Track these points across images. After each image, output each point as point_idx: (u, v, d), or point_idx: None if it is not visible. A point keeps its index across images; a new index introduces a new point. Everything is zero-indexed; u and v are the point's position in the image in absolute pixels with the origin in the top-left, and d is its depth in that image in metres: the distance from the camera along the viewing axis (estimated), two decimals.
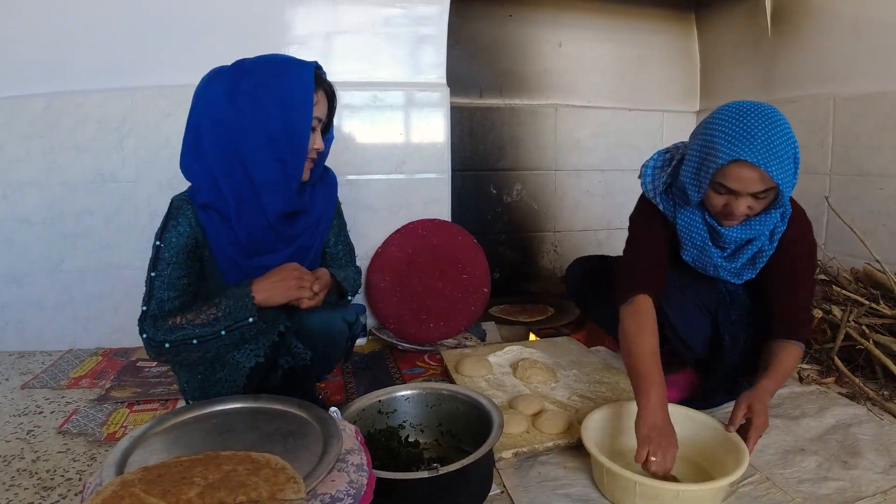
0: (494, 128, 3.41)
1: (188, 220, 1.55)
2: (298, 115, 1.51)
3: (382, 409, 1.68)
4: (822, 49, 2.85)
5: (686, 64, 3.73)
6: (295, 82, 1.52)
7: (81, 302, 2.56)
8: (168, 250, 1.54)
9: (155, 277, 1.54)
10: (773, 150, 1.50)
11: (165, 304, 1.53)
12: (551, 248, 3.62)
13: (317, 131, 1.60)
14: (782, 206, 1.62)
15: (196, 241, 1.57)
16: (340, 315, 1.75)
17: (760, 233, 1.68)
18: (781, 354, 1.71)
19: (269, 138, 1.50)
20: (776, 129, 1.52)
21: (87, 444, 1.78)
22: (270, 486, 0.94)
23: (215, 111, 1.52)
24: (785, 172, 1.51)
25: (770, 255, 1.74)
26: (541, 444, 1.69)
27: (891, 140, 2.50)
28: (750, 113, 1.55)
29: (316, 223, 1.72)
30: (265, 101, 1.49)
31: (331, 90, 1.63)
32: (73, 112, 2.45)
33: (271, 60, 1.55)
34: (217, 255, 1.58)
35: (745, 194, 1.57)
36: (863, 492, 1.50)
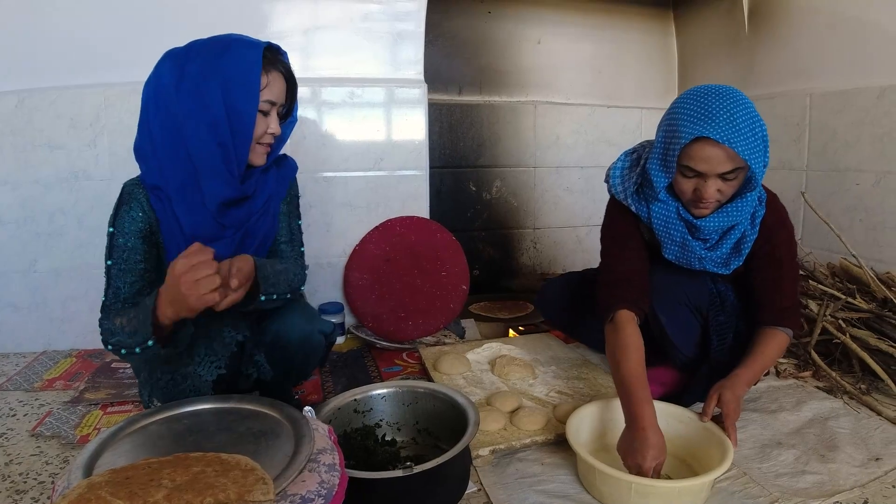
0: (474, 125, 3.41)
1: (140, 204, 1.52)
2: (242, 97, 1.47)
3: (358, 407, 1.66)
4: (798, 45, 2.87)
5: (664, 61, 3.75)
6: (239, 63, 1.47)
7: (55, 303, 2.52)
8: (122, 236, 1.51)
9: (111, 265, 1.51)
10: (737, 127, 1.49)
11: (122, 290, 1.50)
12: (531, 244, 3.63)
13: (271, 115, 1.56)
14: (756, 187, 1.60)
15: (150, 225, 1.54)
16: (317, 328, 1.70)
17: (738, 220, 1.66)
18: (764, 342, 1.72)
19: (211, 122, 1.46)
20: (739, 108, 1.51)
21: (60, 446, 1.75)
22: (239, 488, 0.92)
23: (162, 93, 1.48)
24: (752, 149, 1.50)
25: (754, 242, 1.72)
26: (518, 440, 1.69)
27: (867, 135, 2.53)
28: (711, 93, 1.54)
29: (263, 209, 1.66)
30: (208, 83, 1.46)
31: (287, 72, 1.59)
32: (45, 109, 2.42)
33: (218, 41, 1.51)
34: (166, 240, 1.55)
35: (712, 176, 1.56)
36: (841, 485, 1.51)
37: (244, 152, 1.52)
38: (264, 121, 1.54)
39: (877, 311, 2.18)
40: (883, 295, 2.20)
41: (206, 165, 1.50)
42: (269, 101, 1.53)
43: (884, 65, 2.46)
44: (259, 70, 1.48)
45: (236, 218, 1.59)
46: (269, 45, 1.54)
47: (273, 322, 1.66)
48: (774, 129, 2.95)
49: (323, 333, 1.72)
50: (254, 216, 1.64)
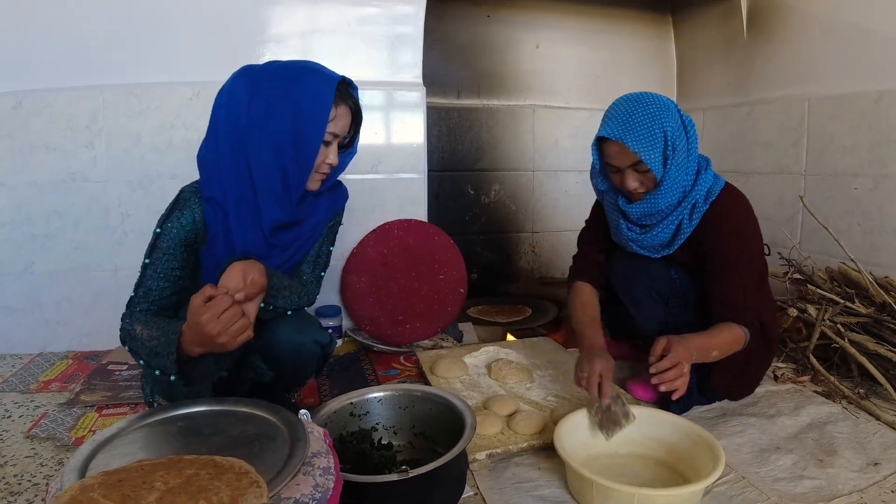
0: (472, 128, 3.41)
1: (193, 212, 1.54)
2: (309, 127, 1.50)
3: (355, 411, 1.66)
4: (796, 50, 2.87)
5: (663, 65, 3.75)
6: (312, 93, 1.50)
7: (51, 304, 2.52)
8: (167, 240, 1.52)
9: (149, 265, 1.52)
10: (631, 125, 1.68)
11: (153, 293, 1.52)
12: (529, 248, 3.62)
13: (332, 146, 1.57)
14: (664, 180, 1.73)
15: (196, 235, 1.56)
16: (312, 337, 1.67)
17: (657, 207, 1.78)
18: (717, 328, 1.77)
19: (275, 145, 1.49)
20: (638, 108, 1.70)
21: (55, 448, 1.74)
22: (232, 491, 0.91)
23: (233, 110, 1.51)
24: (644, 145, 1.68)
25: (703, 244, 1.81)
26: (515, 444, 1.68)
27: (864, 140, 2.52)
28: (621, 99, 1.76)
29: (309, 233, 1.69)
30: (278, 107, 1.48)
31: (356, 107, 1.62)
32: (42, 111, 2.41)
33: (297, 67, 1.54)
34: (206, 251, 1.57)
35: (625, 168, 1.75)
36: (839, 490, 1.50)
37: (303, 179, 1.56)
38: (325, 151, 1.56)
39: (875, 315, 2.17)
40: (881, 299, 2.19)
41: (264, 186, 1.53)
42: (333, 133, 1.55)
43: (881, 69, 2.46)
44: (330, 103, 1.51)
45: (284, 240, 1.63)
46: (343, 79, 1.57)
47: (266, 330, 1.63)
48: (772, 134, 2.96)
49: (319, 344, 1.69)
50: (300, 240, 1.67)
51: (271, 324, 1.64)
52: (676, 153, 1.71)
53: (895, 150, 2.40)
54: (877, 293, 2.21)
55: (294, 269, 1.73)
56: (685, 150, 1.75)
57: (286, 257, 1.65)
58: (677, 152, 1.71)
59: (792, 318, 2.28)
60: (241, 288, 1.35)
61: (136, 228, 2.49)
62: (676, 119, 1.73)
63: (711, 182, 1.82)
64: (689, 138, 1.77)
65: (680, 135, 1.73)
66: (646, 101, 1.71)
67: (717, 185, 1.83)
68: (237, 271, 1.37)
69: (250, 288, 1.37)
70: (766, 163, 3.03)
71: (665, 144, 1.70)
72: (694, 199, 1.79)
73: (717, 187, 1.82)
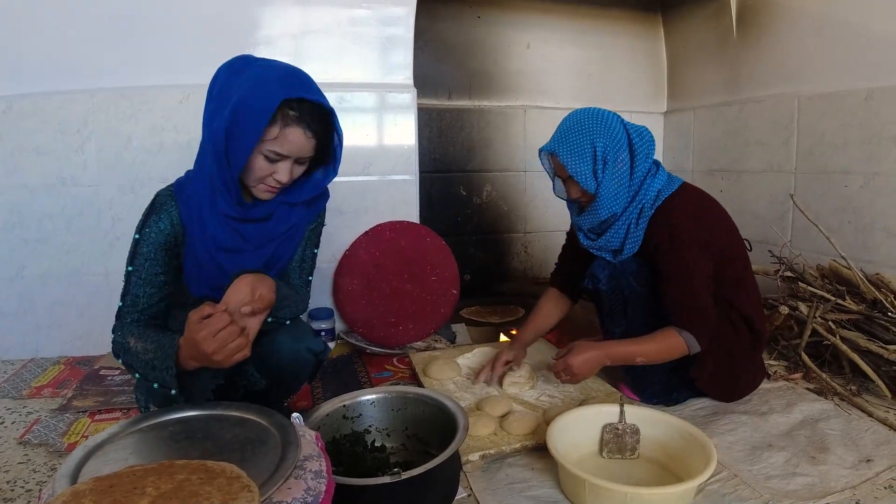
0: (464, 129, 3.41)
1: (170, 215, 1.53)
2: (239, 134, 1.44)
3: (347, 413, 1.65)
4: (786, 49, 2.88)
5: (653, 65, 3.76)
6: (254, 102, 1.43)
7: (43, 309, 2.51)
8: (147, 245, 1.52)
9: (132, 272, 1.52)
10: (565, 139, 1.83)
11: (141, 300, 1.51)
12: (522, 248, 3.63)
13: (280, 164, 1.50)
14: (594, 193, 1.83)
15: (175, 238, 1.55)
16: (306, 345, 1.67)
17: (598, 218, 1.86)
18: (653, 334, 1.81)
19: (215, 141, 1.46)
20: (576, 125, 1.83)
21: (47, 454, 1.74)
22: (224, 496, 0.91)
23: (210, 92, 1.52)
24: (574, 159, 1.81)
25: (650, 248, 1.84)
26: (508, 445, 1.68)
27: (854, 138, 2.53)
28: (572, 113, 1.88)
29: (285, 235, 1.66)
30: (226, 103, 1.45)
31: (319, 133, 1.52)
32: (33, 114, 2.41)
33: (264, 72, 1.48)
34: (187, 252, 1.56)
35: (563, 178, 1.91)
36: (832, 487, 1.51)
37: (232, 181, 1.50)
38: (269, 166, 1.50)
39: (866, 312, 2.18)
40: (872, 296, 2.20)
41: (213, 176, 1.51)
42: (275, 153, 1.48)
43: (871, 67, 2.46)
44: (264, 119, 1.42)
45: (255, 235, 1.60)
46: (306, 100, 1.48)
47: (262, 340, 1.62)
48: (763, 132, 2.97)
49: (312, 352, 1.69)
50: (277, 239, 1.65)
51: (267, 333, 1.64)
52: (608, 167, 1.80)
53: (885, 147, 2.41)
54: (868, 290, 2.22)
55: (279, 275, 1.71)
56: (624, 162, 1.83)
57: (264, 256, 1.62)
58: (608, 166, 1.80)
59: (783, 315, 2.29)
60: (248, 302, 1.35)
61: (128, 232, 2.41)
62: (613, 135, 1.81)
63: (661, 185, 1.85)
64: (633, 151, 1.83)
65: (617, 149, 1.81)
66: (584, 118, 1.83)
67: (668, 188, 1.86)
68: (245, 284, 1.37)
69: (258, 303, 1.36)
70: (757, 161, 3.04)
71: (594, 159, 1.80)
72: (641, 204, 1.84)
73: (667, 191, 1.85)
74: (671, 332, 1.78)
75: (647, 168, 1.86)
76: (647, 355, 1.79)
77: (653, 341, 1.79)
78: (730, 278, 1.89)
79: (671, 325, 1.79)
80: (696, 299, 1.77)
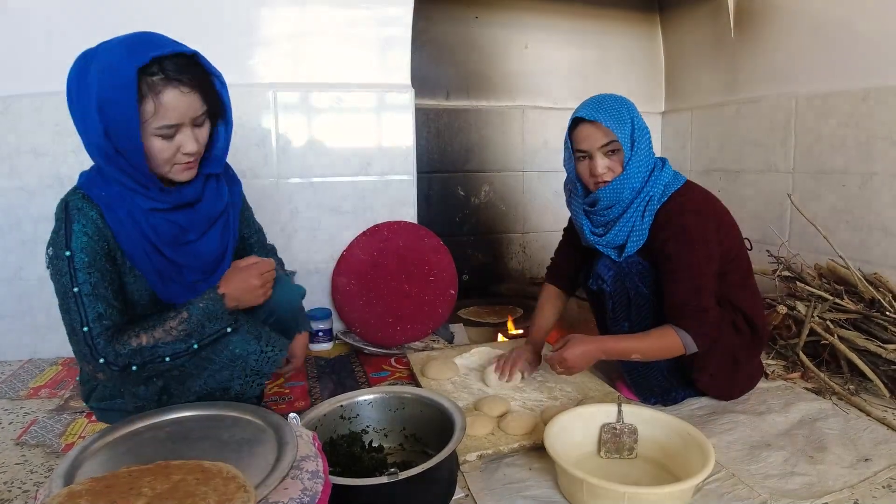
0: (462, 129, 3.41)
1: (92, 220, 1.39)
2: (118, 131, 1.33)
3: (345, 414, 1.65)
4: (784, 49, 2.88)
5: (651, 65, 3.77)
6: (111, 89, 1.30)
7: (41, 310, 2.50)
8: (82, 256, 1.37)
9: (79, 293, 1.37)
10: (604, 107, 1.80)
11: (104, 318, 1.38)
12: (520, 249, 3.63)
13: (178, 135, 1.39)
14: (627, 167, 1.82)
15: (108, 242, 1.41)
16: (298, 292, 1.81)
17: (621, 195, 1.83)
18: (651, 331, 1.81)
19: (102, 150, 1.36)
20: (608, 98, 1.84)
21: (44, 455, 1.74)
22: (220, 496, 0.91)
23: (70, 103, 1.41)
24: (616, 123, 1.78)
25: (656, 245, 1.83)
26: (506, 445, 1.68)
27: (852, 137, 2.53)
28: (592, 98, 1.87)
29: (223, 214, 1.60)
30: (90, 109, 1.33)
31: (197, 80, 1.39)
32: (30, 115, 2.40)
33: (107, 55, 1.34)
34: (129, 250, 1.44)
35: (595, 151, 1.83)
36: (830, 486, 1.51)
37: (146, 177, 1.41)
38: (169, 144, 1.39)
39: (864, 311, 2.18)
40: (870, 296, 2.20)
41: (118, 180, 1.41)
42: (166, 126, 1.36)
43: (868, 67, 2.47)
44: (132, 101, 1.30)
45: (194, 221, 1.52)
46: (164, 57, 1.35)
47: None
48: (761, 132, 2.97)
49: (301, 296, 1.82)
50: (219, 221, 1.59)
51: None
52: (642, 138, 1.83)
53: (883, 147, 2.41)
54: (866, 289, 2.22)
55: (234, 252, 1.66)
56: (648, 142, 1.86)
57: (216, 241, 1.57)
58: (643, 138, 1.83)
59: (781, 315, 2.28)
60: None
61: None
62: (640, 115, 1.86)
63: (668, 180, 1.85)
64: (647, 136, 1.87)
65: (643, 128, 1.85)
66: (614, 97, 1.85)
67: (674, 184, 1.86)
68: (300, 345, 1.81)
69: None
70: (755, 161, 3.05)
71: (633, 127, 1.82)
72: (648, 196, 1.84)
73: (673, 186, 1.85)
74: (669, 331, 1.77)
75: (654, 161, 1.87)
76: (643, 352, 1.79)
77: (650, 338, 1.79)
78: (733, 278, 1.89)
79: (670, 324, 1.78)
80: (699, 300, 1.76)
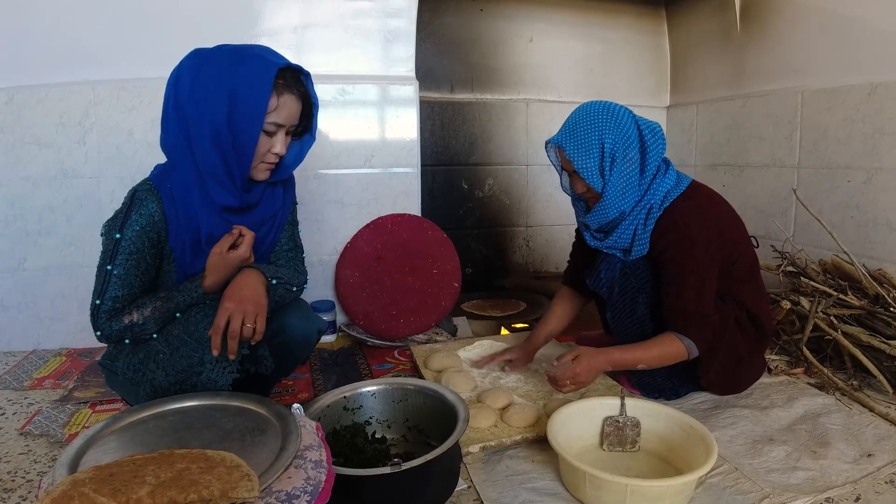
0: (466, 122, 3.41)
1: (151, 211, 1.52)
2: (245, 115, 1.48)
3: (348, 405, 1.66)
4: (790, 44, 2.87)
5: (656, 59, 3.75)
6: (249, 80, 1.47)
7: (45, 301, 2.51)
8: (129, 244, 1.50)
9: (112, 271, 1.50)
10: (573, 133, 1.79)
11: (119, 301, 1.51)
12: (523, 242, 3.62)
13: (277, 136, 1.55)
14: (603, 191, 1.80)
15: (158, 234, 1.54)
16: (316, 326, 1.78)
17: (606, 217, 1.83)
18: (654, 339, 1.81)
19: (214, 133, 1.48)
20: (585, 118, 1.79)
21: (48, 445, 1.74)
22: (223, 485, 0.91)
23: (180, 92, 1.50)
24: (580, 153, 1.77)
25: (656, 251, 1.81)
26: (509, 437, 1.68)
27: (858, 133, 2.52)
28: (581, 106, 1.84)
29: (271, 220, 1.71)
30: (217, 94, 1.46)
31: (305, 95, 1.58)
32: (34, 106, 2.40)
33: (239, 52, 1.50)
34: (174, 247, 1.57)
35: (570, 172, 1.86)
36: (833, 481, 1.50)
37: (245, 167, 1.54)
38: (268, 141, 1.54)
39: (868, 307, 2.18)
40: (875, 291, 2.19)
41: (208, 172, 1.52)
42: (275, 123, 1.52)
43: (874, 62, 2.45)
44: (268, 91, 1.48)
45: (244, 223, 1.62)
46: (289, 66, 1.53)
47: (276, 321, 1.67)
48: (766, 127, 2.96)
49: (319, 331, 1.79)
50: (265, 226, 1.69)
51: (279, 314, 1.69)
52: (616, 164, 1.77)
53: (889, 142, 2.40)
54: (870, 285, 2.22)
55: (266, 256, 1.77)
56: (634, 160, 1.79)
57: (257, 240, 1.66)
58: (617, 163, 1.77)
59: (785, 310, 2.28)
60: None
61: None
62: (623, 131, 1.77)
63: (671, 185, 1.82)
64: (645, 148, 1.79)
65: (626, 146, 1.77)
66: (593, 112, 1.79)
67: (678, 188, 1.83)
68: None
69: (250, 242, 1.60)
70: (760, 156, 3.03)
71: (602, 156, 1.77)
72: (649, 203, 1.81)
73: (676, 191, 1.82)
74: (672, 338, 1.77)
75: (657, 166, 1.83)
76: (648, 362, 1.80)
77: (654, 347, 1.79)
78: (738, 277, 1.88)
79: (670, 330, 1.79)
80: (699, 305, 1.76)
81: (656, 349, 1.79)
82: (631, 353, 1.81)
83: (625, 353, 1.82)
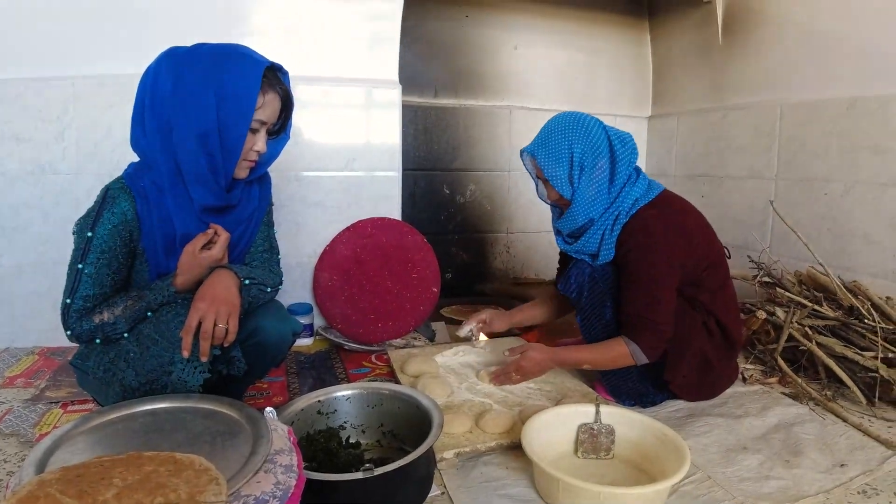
0: (449, 128, 3.41)
1: (123, 210, 1.51)
2: (235, 114, 1.49)
3: (322, 409, 1.64)
4: (770, 57, 2.90)
5: (639, 69, 3.78)
6: (238, 79, 1.48)
7: (19, 299, 2.47)
8: (101, 242, 1.49)
9: (83, 270, 1.49)
10: (544, 143, 1.88)
11: (90, 300, 1.51)
12: (504, 249, 3.63)
13: (259, 133, 1.58)
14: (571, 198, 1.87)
15: (130, 234, 1.54)
16: (290, 327, 1.76)
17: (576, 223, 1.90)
18: (603, 342, 1.87)
19: (201, 132, 1.48)
20: (555, 129, 1.87)
21: (18, 444, 1.72)
22: (191, 488, 0.90)
23: (158, 93, 1.50)
24: (550, 162, 1.85)
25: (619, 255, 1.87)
26: (483, 443, 1.68)
27: (836, 146, 2.55)
28: (556, 116, 1.92)
29: (248, 220, 1.71)
30: (204, 94, 1.46)
31: (285, 93, 1.60)
32: (12, 101, 2.37)
33: (223, 52, 1.51)
34: (147, 246, 1.56)
35: (542, 180, 1.93)
36: (805, 491, 1.52)
37: (230, 166, 1.55)
38: (252, 139, 1.56)
39: (843, 318, 2.20)
40: (849, 303, 2.21)
41: (191, 172, 1.52)
42: (260, 121, 1.55)
43: (853, 77, 2.49)
44: (257, 90, 1.50)
45: (221, 224, 1.61)
46: (272, 66, 1.56)
47: (250, 322, 1.66)
48: (745, 139, 2.99)
49: (294, 333, 1.78)
50: (241, 226, 1.69)
51: (252, 317, 1.67)
52: (585, 173, 1.84)
53: (866, 156, 2.43)
54: (844, 297, 2.24)
55: (241, 257, 1.76)
56: (603, 168, 1.86)
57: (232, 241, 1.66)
58: (585, 172, 1.84)
59: (760, 320, 2.30)
60: None
61: None
62: (592, 140, 1.84)
63: (641, 193, 1.87)
64: (614, 157, 1.85)
65: (595, 155, 1.84)
66: (565, 123, 1.87)
67: (647, 195, 1.88)
68: None
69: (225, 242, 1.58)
70: (739, 167, 3.06)
71: (571, 164, 1.84)
72: (618, 210, 1.86)
73: (645, 199, 1.87)
74: (619, 342, 1.81)
75: (628, 175, 1.87)
76: (594, 363, 1.87)
77: (600, 349, 1.86)
78: (708, 286, 1.90)
79: (621, 334, 1.82)
80: (653, 313, 1.78)
81: (601, 351, 1.85)
82: (577, 353, 1.91)
83: (571, 352, 1.93)
